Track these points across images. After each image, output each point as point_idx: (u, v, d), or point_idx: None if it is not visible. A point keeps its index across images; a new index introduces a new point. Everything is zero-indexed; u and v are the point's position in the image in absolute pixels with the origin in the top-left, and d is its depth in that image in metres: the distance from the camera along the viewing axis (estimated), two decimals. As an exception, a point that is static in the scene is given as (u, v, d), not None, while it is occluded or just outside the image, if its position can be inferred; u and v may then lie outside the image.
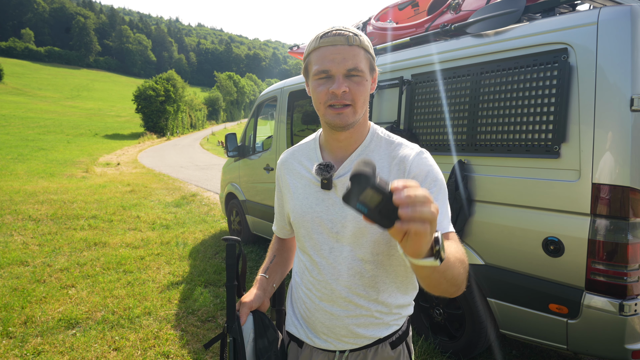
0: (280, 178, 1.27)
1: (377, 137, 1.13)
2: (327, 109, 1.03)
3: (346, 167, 1.11)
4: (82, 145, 25.59)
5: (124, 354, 2.91)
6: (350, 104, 1.02)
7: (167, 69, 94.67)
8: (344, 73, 1.00)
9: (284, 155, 1.27)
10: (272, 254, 1.37)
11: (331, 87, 1.00)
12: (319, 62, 1.02)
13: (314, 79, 1.05)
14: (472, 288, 2.60)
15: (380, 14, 3.77)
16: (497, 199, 2.41)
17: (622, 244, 1.93)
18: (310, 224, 1.14)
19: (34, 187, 9.49)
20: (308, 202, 1.15)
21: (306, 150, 1.21)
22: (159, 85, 45.82)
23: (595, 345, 2.08)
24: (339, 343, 1.13)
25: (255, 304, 1.21)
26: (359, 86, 1.01)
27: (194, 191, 10.18)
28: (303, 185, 1.17)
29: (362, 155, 1.12)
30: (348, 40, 1.00)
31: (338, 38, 1.00)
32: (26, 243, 5.43)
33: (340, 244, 1.10)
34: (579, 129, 2.04)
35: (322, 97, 1.03)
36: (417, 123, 2.87)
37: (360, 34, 1.03)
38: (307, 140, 1.25)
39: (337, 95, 1.00)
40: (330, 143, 1.14)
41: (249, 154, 5.31)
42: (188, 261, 4.92)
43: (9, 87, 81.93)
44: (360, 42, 1.02)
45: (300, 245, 1.21)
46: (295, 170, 1.21)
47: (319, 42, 1.02)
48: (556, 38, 2.12)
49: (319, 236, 1.13)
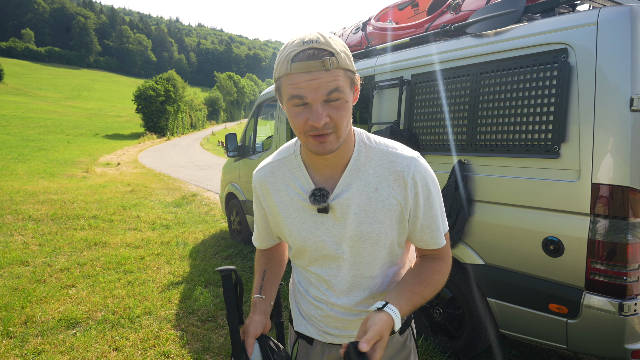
0: (262, 197, 1.16)
1: (365, 147, 1.05)
2: (307, 138, 0.94)
3: (340, 188, 1.04)
4: (83, 145, 25.60)
5: (124, 353, 2.91)
6: (333, 131, 0.93)
7: (167, 69, 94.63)
8: (323, 99, 0.89)
9: (262, 173, 1.14)
10: (261, 270, 1.27)
11: (310, 118, 0.90)
12: (292, 88, 0.89)
13: (288, 104, 0.93)
14: (472, 288, 2.61)
15: (380, 14, 3.78)
16: (497, 199, 2.41)
17: (621, 244, 1.93)
18: (313, 248, 1.10)
19: (34, 187, 9.49)
20: (306, 227, 1.09)
21: (289, 168, 1.10)
22: (159, 86, 45.81)
23: (595, 345, 2.08)
24: (351, 338, 1.15)
25: (259, 331, 1.14)
26: (340, 111, 0.92)
27: (194, 191, 10.19)
28: (296, 208, 1.09)
29: (354, 170, 1.04)
30: (324, 64, 0.87)
31: (312, 63, 0.86)
32: (26, 243, 5.44)
33: (347, 263, 1.09)
34: (578, 129, 2.04)
35: (300, 126, 0.93)
36: (417, 123, 2.87)
37: (338, 51, 0.89)
38: (283, 154, 1.13)
39: (316, 128, 0.91)
40: (316, 161, 1.05)
41: (249, 154, 5.31)
42: (188, 261, 4.92)
43: (9, 87, 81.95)
44: (338, 63, 0.88)
45: (304, 264, 1.17)
46: (282, 191, 1.11)
47: (290, 67, 0.88)
48: (556, 38, 2.12)
49: (324, 259, 1.11)
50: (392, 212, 1.04)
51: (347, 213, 1.04)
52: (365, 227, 1.04)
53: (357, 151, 1.05)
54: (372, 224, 1.04)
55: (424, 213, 1.05)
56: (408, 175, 1.02)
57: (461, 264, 2.65)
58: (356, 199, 1.03)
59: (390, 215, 1.04)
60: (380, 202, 1.03)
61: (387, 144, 1.07)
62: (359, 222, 1.04)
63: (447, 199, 2.53)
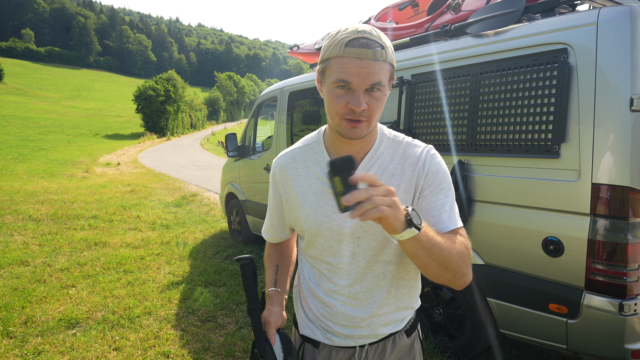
0: (280, 183, 1.19)
1: (385, 138, 1.12)
2: (341, 120, 0.99)
3: (360, 172, 1.07)
4: (83, 145, 25.61)
5: (124, 353, 2.91)
6: (366, 119, 0.98)
7: (167, 69, 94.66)
8: (366, 88, 0.94)
9: (284, 159, 1.20)
10: (274, 264, 1.29)
11: (350, 101, 0.95)
12: (341, 72, 0.95)
13: (332, 86, 0.98)
14: (472, 288, 2.61)
15: (380, 14, 3.78)
16: (497, 199, 2.41)
17: (621, 244, 1.93)
18: (329, 233, 1.11)
19: (34, 187, 9.50)
20: (323, 210, 1.11)
21: (311, 154, 1.15)
22: (159, 86, 45.84)
23: (595, 345, 2.08)
24: (359, 339, 1.15)
25: (280, 323, 1.16)
26: (378, 102, 0.98)
27: (194, 191, 10.19)
28: (314, 192, 1.12)
29: (374, 158, 1.10)
30: (375, 55, 0.93)
31: (365, 51, 0.92)
32: (26, 243, 5.44)
33: (362, 248, 1.10)
34: (578, 129, 2.04)
35: (340, 109, 0.98)
36: (417, 123, 2.87)
37: (387, 46, 0.96)
38: (306, 142, 1.19)
39: (355, 112, 0.96)
40: (340, 147, 1.10)
41: (249, 154, 5.31)
42: (188, 261, 4.92)
43: (9, 87, 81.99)
44: (386, 56, 0.95)
45: (316, 253, 1.17)
46: (302, 176, 1.15)
47: (343, 51, 0.94)
48: (556, 38, 2.12)
49: (339, 244, 1.11)
50: (407, 197, 1.08)
51: None
52: None
53: (378, 141, 1.11)
54: None
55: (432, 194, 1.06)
56: (420, 158, 1.08)
57: (461, 264, 2.65)
58: None
59: (404, 199, 1.08)
60: (396, 187, 1.07)
61: (405, 136, 1.15)
62: None
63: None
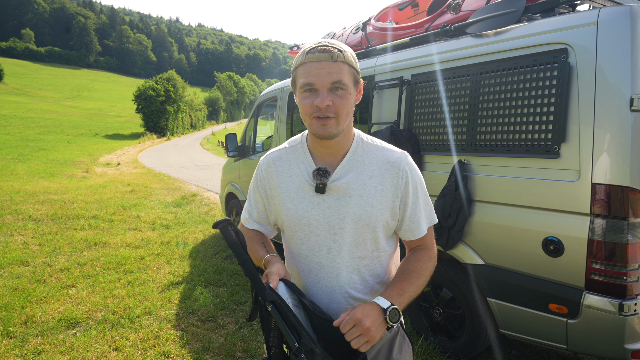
0: (266, 179, 1.28)
1: (362, 142, 1.22)
2: (312, 120, 1.11)
3: (339, 173, 1.18)
4: (83, 145, 25.60)
5: (124, 353, 2.91)
6: (334, 116, 1.09)
7: (167, 69, 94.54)
8: (328, 87, 1.07)
9: (271, 157, 1.30)
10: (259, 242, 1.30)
11: (316, 100, 1.08)
12: (305, 76, 1.09)
13: (300, 92, 1.12)
14: (472, 288, 2.61)
15: (380, 14, 3.78)
16: (497, 199, 2.41)
17: (621, 244, 1.93)
18: (307, 227, 1.20)
19: (35, 187, 9.50)
20: (303, 206, 1.20)
21: (295, 154, 1.26)
22: (159, 86, 45.80)
23: (595, 345, 2.08)
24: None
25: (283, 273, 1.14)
26: (342, 99, 1.09)
27: (194, 191, 10.19)
28: (296, 189, 1.22)
29: (352, 160, 1.19)
30: (332, 56, 1.07)
31: (322, 54, 1.07)
32: (26, 243, 5.44)
33: (337, 244, 1.18)
34: (578, 129, 2.04)
35: (308, 109, 1.10)
36: (417, 123, 2.87)
37: (345, 50, 1.10)
38: (292, 143, 1.29)
39: (320, 109, 1.07)
40: (319, 149, 1.21)
41: (249, 154, 5.31)
42: (188, 261, 4.92)
43: (9, 87, 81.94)
44: (344, 57, 1.09)
45: (295, 249, 1.25)
46: (286, 173, 1.24)
47: (304, 58, 1.10)
48: (556, 38, 2.12)
49: (316, 238, 1.20)
50: (384, 198, 1.17)
51: (342, 196, 1.17)
52: (358, 209, 1.17)
53: (355, 144, 1.21)
54: (364, 207, 1.16)
55: (413, 202, 1.20)
56: (400, 166, 1.18)
57: (461, 264, 2.65)
58: (352, 184, 1.17)
59: (381, 200, 1.17)
60: (373, 188, 1.17)
61: (381, 142, 1.25)
62: (353, 205, 1.17)
63: (447, 199, 2.53)
